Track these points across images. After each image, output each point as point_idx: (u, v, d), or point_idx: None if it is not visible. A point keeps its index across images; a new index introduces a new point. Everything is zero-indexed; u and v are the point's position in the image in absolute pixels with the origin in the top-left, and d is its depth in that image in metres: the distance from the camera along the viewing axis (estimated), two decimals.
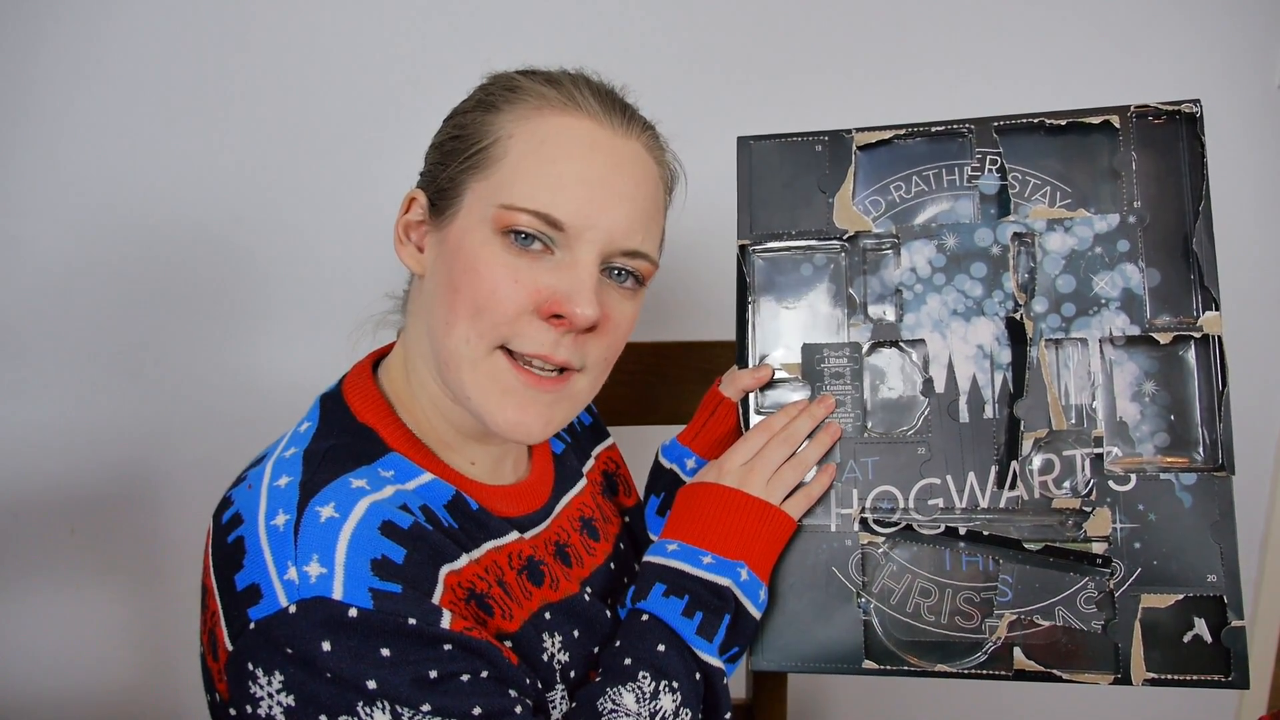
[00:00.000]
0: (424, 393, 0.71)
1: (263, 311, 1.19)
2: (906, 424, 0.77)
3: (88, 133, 1.11)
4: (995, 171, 0.78)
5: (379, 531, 0.60)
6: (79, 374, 1.17)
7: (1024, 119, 0.78)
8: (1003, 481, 0.75)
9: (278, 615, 0.58)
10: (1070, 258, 0.76)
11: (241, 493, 0.65)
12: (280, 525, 0.60)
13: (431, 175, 0.69)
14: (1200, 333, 0.73)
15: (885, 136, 0.79)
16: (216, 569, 0.63)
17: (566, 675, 0.70)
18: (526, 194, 0.64)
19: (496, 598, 0.66)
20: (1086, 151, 0.77)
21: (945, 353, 0.77)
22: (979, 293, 0.77)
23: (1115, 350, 0.75)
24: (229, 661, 0.60)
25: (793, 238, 0.80)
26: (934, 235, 0.78)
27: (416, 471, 0.68)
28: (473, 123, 0.68)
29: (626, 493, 0.89)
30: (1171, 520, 0.72)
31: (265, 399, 1.17)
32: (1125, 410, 0.75)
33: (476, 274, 0.64)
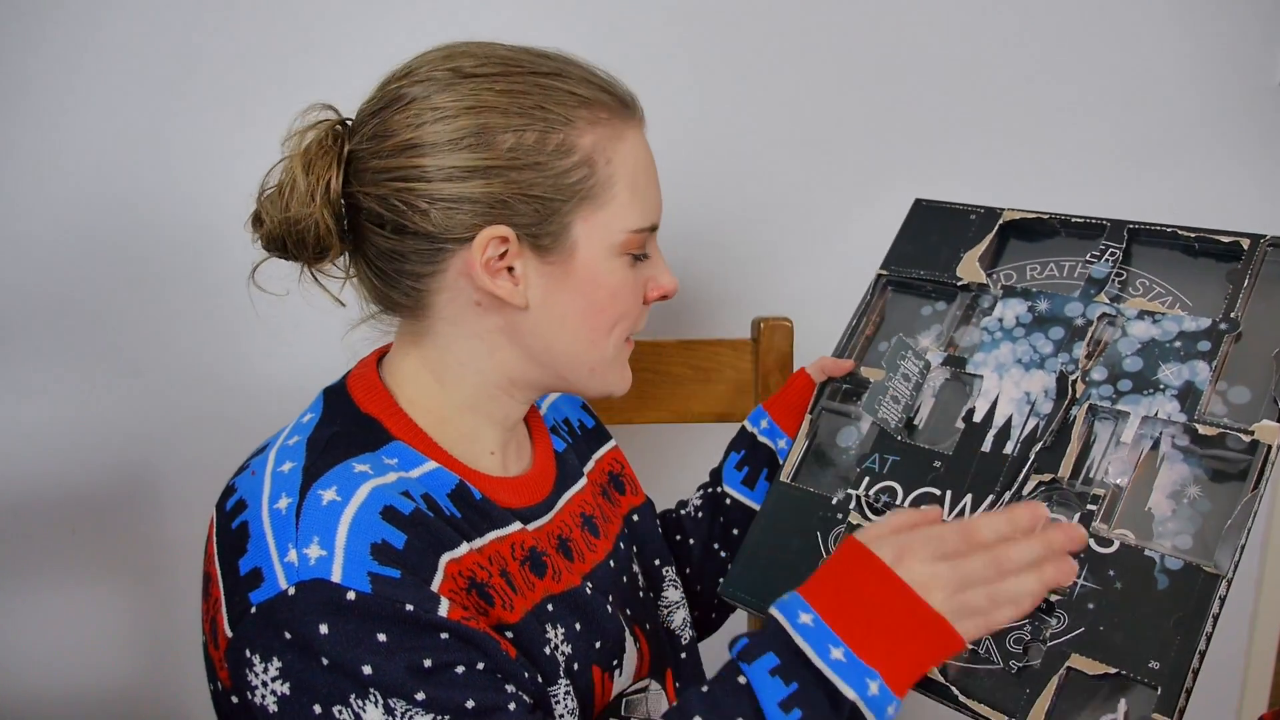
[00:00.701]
0: (469, 398, 0.73)
1: (264, 312, 1.15)
2: (938, 441, 0.83)
3: (86, 131, 1.11)
4: (1109, 261, 0.83)
5: (380, 516, 0.61)
6: (79, 374, 1.17)
7: (1158, 227, 0.83)
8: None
9: (278, 598, 0.59)
10: (1147, 345, 0.78)
11: (245, 479, 0.66)
12: (283, 508, 0.62)
13: (518, 208, 0.66)
14: (1250, 436, 0.70)
15: (1030, 217, 0.89)
16: (220, 555, 0.64)
17: (570, 668, 0.71)
18: (643, 216, 0.71)
19: (498, 588, 0.67)
20: (1207, 266, 0.79)
21: (995, 391, 0.82)
22: (1048, 351, 0.82)
23: (1171, 449, 0.74)
24: (229, 648, 0.62)
25: (919, 278, 0.93)
26: (1031, 298, 0.85)
27: (420, 460, 0.69)
28: (546, 144, 0.66)
29: (634, 491, 0.92)
30: (1138, 595, 0.68)
31: (266, 399, 1.18)
32: (1158, 504, 0.72)
33: (617, 294, 0.71)
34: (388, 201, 0.67)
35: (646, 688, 0.82)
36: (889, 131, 1.26)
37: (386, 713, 0.58)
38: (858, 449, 0.87)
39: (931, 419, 0.85)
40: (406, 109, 0.66)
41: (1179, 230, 0.81)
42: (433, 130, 0.65)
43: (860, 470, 0.85)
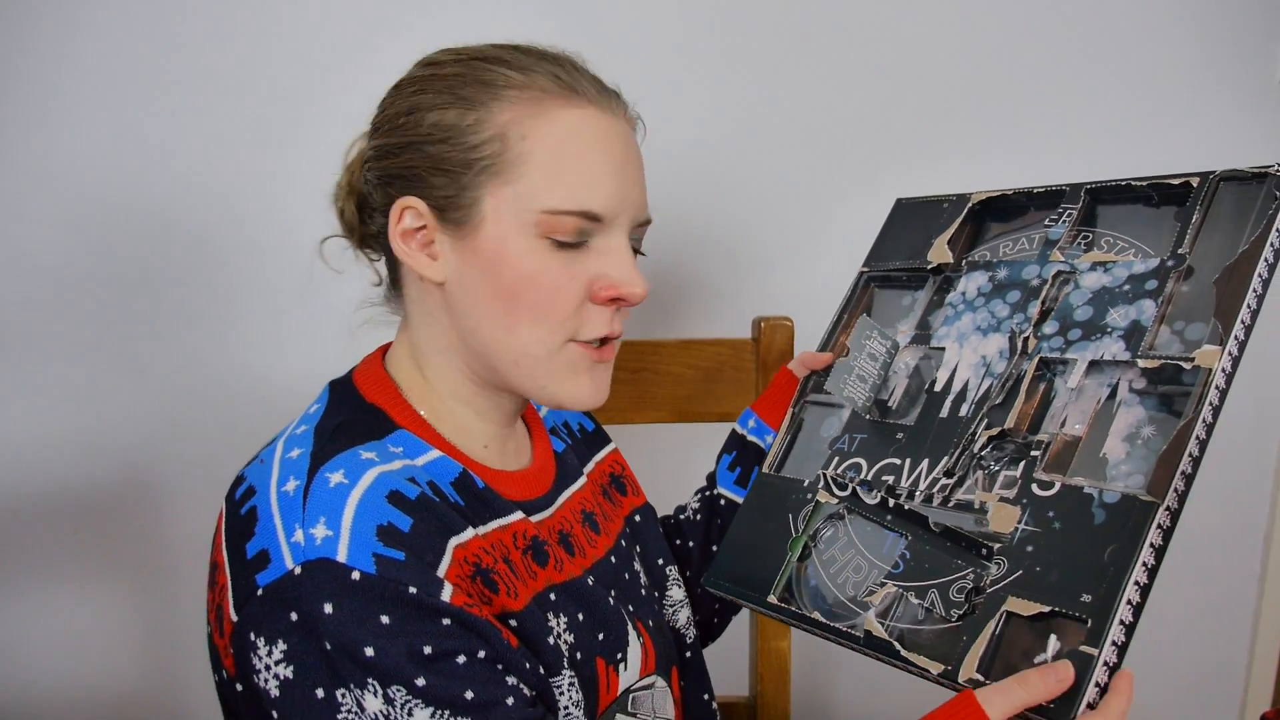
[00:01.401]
0: (444, 384, 0.73)
1: (264, 311, 1.18)
2: (903, 416, 0.83)
3: (86, 133, 1.12)
4: (1065, 221, 0.82)
5: (386, 500, 0.62)
6: (81, 375, 1.17)
7: (1114, 182, 0.81)
8: (949, 472, 0.75)
9: (284, 578, 0.59)
10: (1098, 293, 0.76)
11: (254, 468, 0.67)
12: (290, 491, 0.62)
13: (424, 182, 0.68)
14: (1191, 363, 0.66)
15: (995, 195, 0.90)
16: (228, 541, 0.64)
17: (573, 658, 0.71)
18: (566, 197, 0.66)
19: (502, 574, 0.67)
20: (1167, 213, 0.77)
21: (956, 360, 0.82)
22: (1004, 314, 0.81)
23: (1128, 393, 0.71)
24: (234, 633, 0.62)
25: (895, 269, 0.94)
26: (992, 268, 0.85)
27: (424, 448, 0.70)
28: (458, 123, 0.67)
29: (635, 493, 0.93)
30: (1074, 532, 0.65)
31: (268, 399, 1.18)
32: (1113, 448, 0.70)
33: (535, 280, 0.67)
34: (367, 183, 0.73)
35: (652, 685, 0.82)
36: (890, 131, 1.26)
37: (386, 702, 0.58)
38: (836, 434, 0.88)
39: (904, 398, 0.85)
40: (384, 100, 0.72)
41: (1133, 182, 0.79)
42: (386, 114, 0.71)
43: (831, 451, 0.85)
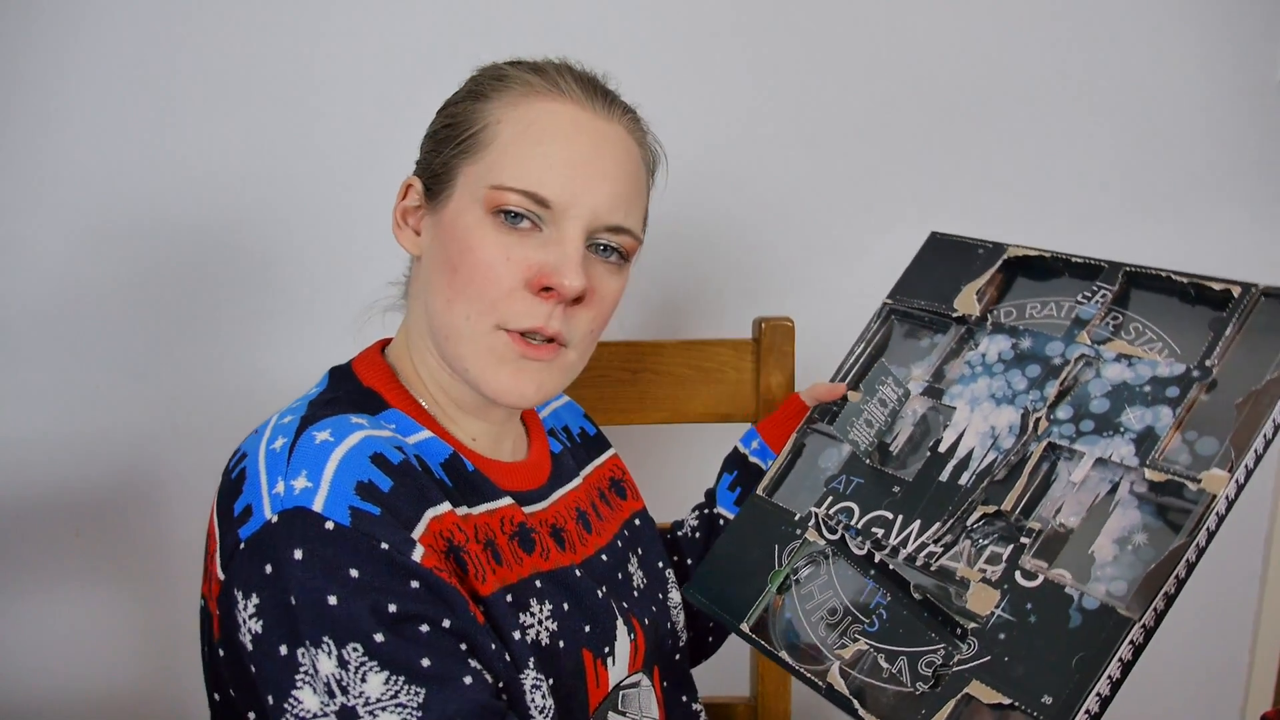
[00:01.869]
0: (425, 370, 0.75)
1: (266, 313, 1.19)
2: (905, 468, 0.84)
3: (86, 135, 1.13)
4: (1098, 302, 0.81)
5: (370, 459, 0.62)
6: (82, 377, 1.17)
7: (1154, 271, 0.80)
8: (938, 538, 0.76)
9: (263, 528, 0.60)
10: (1118, 387, 0.75)
11: (250, 438, 0.68)
12: (278, 448, 0.64)
13: (426, 162, 0.73)
14: (1198, 484, 0.67)
15: (1032, 254, 0.89)
16: (219, 504, 0.65)
17: (555, 646, 0.71)
18: (515, 174, 0.67)
19: (474, 555, 0.67)
20: (1202, 314, 0.76)
21: (965, 424, 0.82)
22: (1021, 387, 0.81)
23: (1128, 494, 0.72)
24: (220, 593, 0.63)
25: (919, 308, 0.93)
26: (1016, 335, 0.84)
27: (416, 428, 0.71)
28: (463, 111, 0.72)
29: (635, 497, 0.93)
30: (1048, 630, 0.66)
31: (269, 401, 1.17)
32: (1102, 547, 0.70)
33: (472, 252, 0.68)
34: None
35: (639, 683, 0.82)
36: (890, 132, 1.26)
37: (340, 665, 0.57)
38: (833, 470, 0.88)
39: (906, 446, 0.86)
40: None
41: (1173, 275, 0.78)
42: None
43: (826, 490, 0.86)
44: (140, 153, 1.15)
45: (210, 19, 1.13)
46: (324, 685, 0.58)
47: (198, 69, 1.14)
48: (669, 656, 0.89)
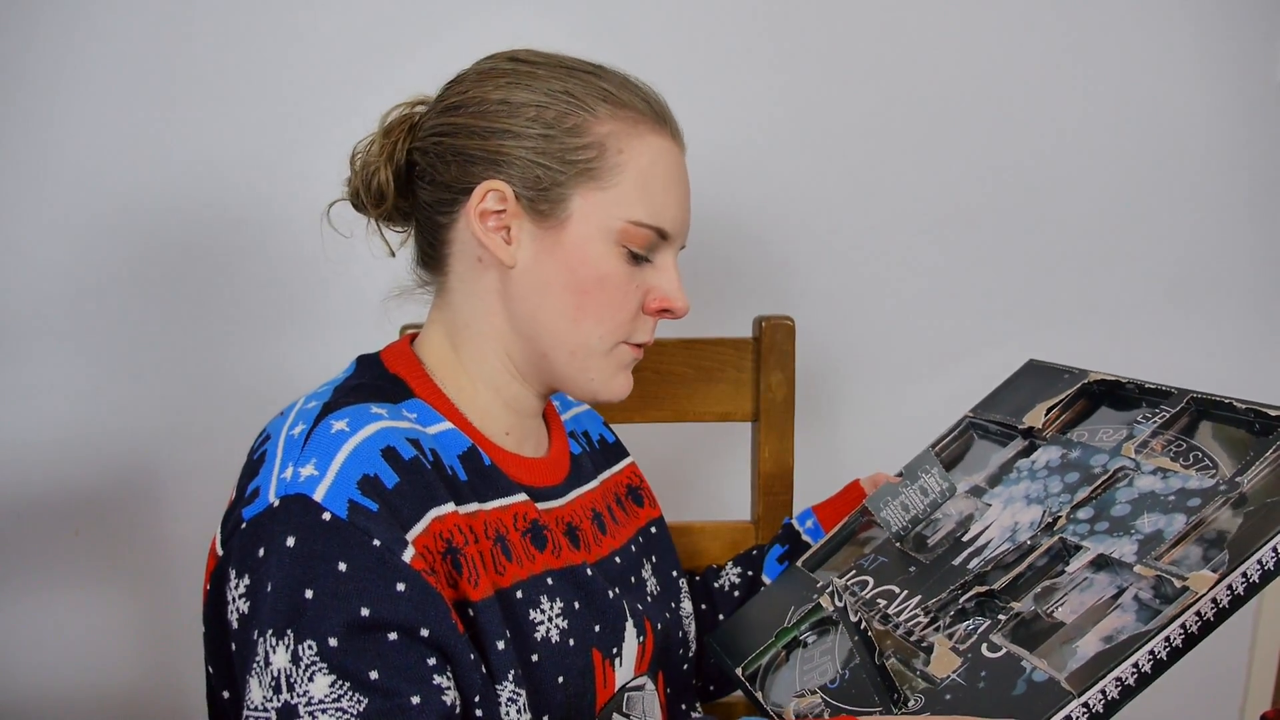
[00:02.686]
0: (480, 365, 0.76)
1: (265, 312, 1.19)
2: (928, 553, 0.84)
3: (88, 133, 1.12)
4: (1155, 421, 0.79)
5: (380, 453, 0.63)
6: (81, 376, 1.17)
7: (1216, 398, 0.78)
8: (927, 610, 0.76)
9: (264, 511, 0.61)
10: (1145, 496, 0.73)
11: (275, 420, 0.70)
12: (296, 434, 0.65)
13: (525, 172, 0.71)
14: (1183, 582, 0.63)
15: (1109, 379, 0.88)
16: (239, 481, 0.67)
17: (565, 644, 0.71)
18: (648, 212, 0.72)
19: (470, 558, 0.67)
20: (1261, 442, 0.73)
21: (993, 519, 0.81)
22: (1056, 490, 0.79)
23: (1131, 600, 0.69)
24: (215, 570, 0.64)
25: (994, 422, 0.94)
26: (1068, 446, 0.83)
27: (437, 419, 0.72)
28: (563, 121, 0.71)
29: (652, 505, 0.94)
30: (992, 696, 0.64)
31: (270, 400, 1.12)
32: (1087, 644, 0.68)
33: (608, 283, 0.72)
34: (426, 154, 0.75)
35: (643, 686, 0.82)
36: (890, 132, 1.25)
37: (292, 660, 0.58)
38: (869, 550, 0.90)
39: (945, 541, 0.86)
40: (462, 82, 0.76)
41: (1235, 402, 0.76)
42: (472, 95, 0.73)
43: (854, 565, 0.88)
44: (140, 154, 1.15)
45: (211, 16, 1.14)
46: (271, 679, 0.59)
47: (196, 66, 1.15)
48: (677, 665, 0.89)
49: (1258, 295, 1.38)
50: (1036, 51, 1.28)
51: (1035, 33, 1.27)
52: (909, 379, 1.34)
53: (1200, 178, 1.33)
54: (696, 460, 1.16)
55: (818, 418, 1.32)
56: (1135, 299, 1.39)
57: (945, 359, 1.37)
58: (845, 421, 1.35)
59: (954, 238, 1.35)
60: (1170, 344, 1.39)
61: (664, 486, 1.00)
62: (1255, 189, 1.33)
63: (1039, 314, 1.37)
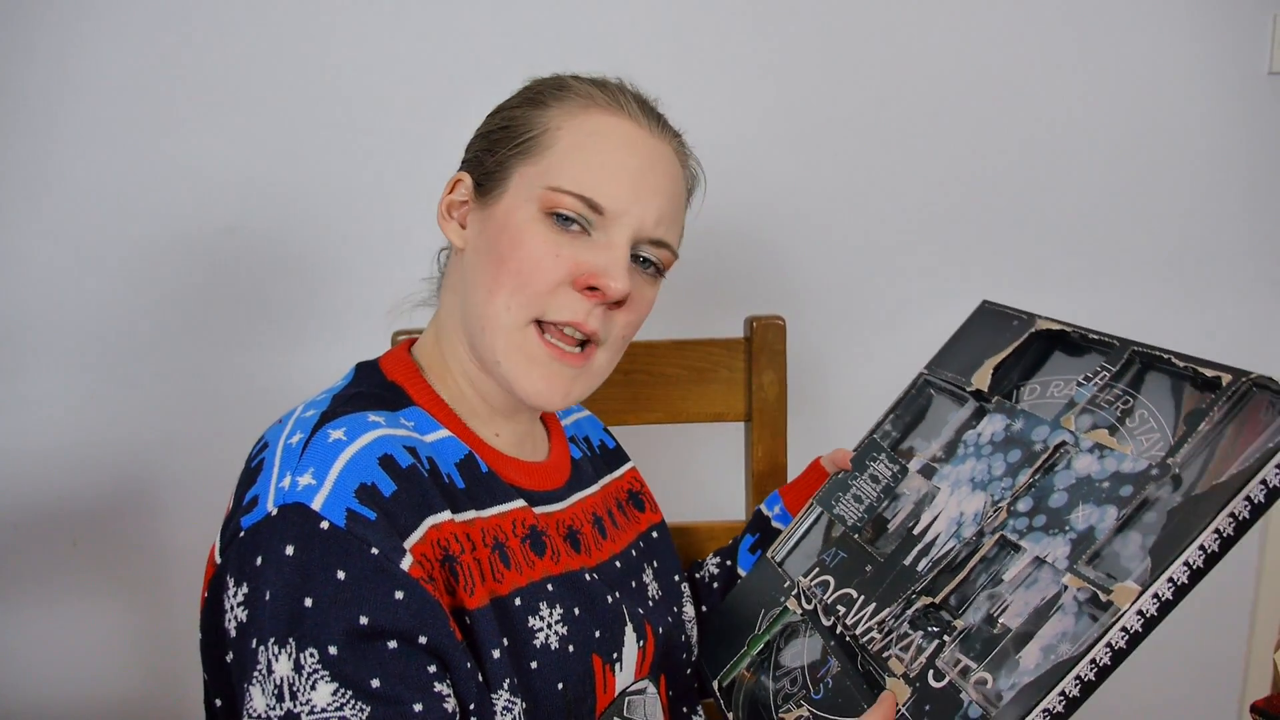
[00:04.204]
0: (456, 364, 0.76)
1: (263, 321, 1.19)
2: (884, 545, 0.82)
3: (85, 142, 1.12)
4: (1095, 384, 0.74)
5: (377, 462, 0.64)
6: (79, 386, 1.17)
7: (1157, 351, 0.72)
8: (881, 624, 0.75)
9: (263, 520, 0.61)
10: (1081, 481, 0.69)
11: (274, 428, 0.70)
12: (294, 444, 0.65)
13: (477, 160, 0.75)
14: (1106, 595, 0.60)
15: (1056, 329, 0.82)
16: (236, 490, 0.66)
17: (565, 651, 0.71)
18: (573, 179, 0.70)
19: (466, 567, 0.67)
20: (1186, 398, 0.68)
21: (941, 507, 0.79)
22: (999, 473, 0.76)
23: (1071, 600, 0.66)
24: (214, 578, 0.64)
25: (946, 381, 0.90)
26: (1012, 416, 0.79)
27: (435, 426, 0.72)
28: (521, 116, 0.74)
29: (653, 509, 0.94)
30: None
31: (267, 409, 1.15)
32: (1030, 654, 0.66)
33: (522, 245, 0.70)
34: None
35: (644, 690, 0.82)
36: (881, 131, 1.24)
37: (295, 669, 0.58)
38: (833, 542, 0.89)
39: (905, 522, 0.84)
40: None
41: (1174, 357, 0.70)
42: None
43: (816, 560, 0.87)
44: (138, 164, 1.16)
45: (215, 24, 1.14)
46: (274, 687, 0.59)
47: (197, 77, 1.15)
48: (679, 668, 0.89)
49: (1253, 283, 1.36)
50: (1028, 47, 1.27)
51: (1027, 28, 1.26)
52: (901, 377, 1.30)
53: (1194, 168, 1.31)
54: (690, 460, 1.15)
55: (810, 416, 1.31)
56: (1130, 297, 1.37)
57: None
58: (837, 420, 1.34)
59: (945, 236, 1.32)
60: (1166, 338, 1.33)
61: (658, 487, 1.00)
62: (1250, 178, 1.32)
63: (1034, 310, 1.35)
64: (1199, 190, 1.32)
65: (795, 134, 1.27)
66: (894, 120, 1.27)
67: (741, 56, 1.23)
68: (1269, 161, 1.31)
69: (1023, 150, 1.28)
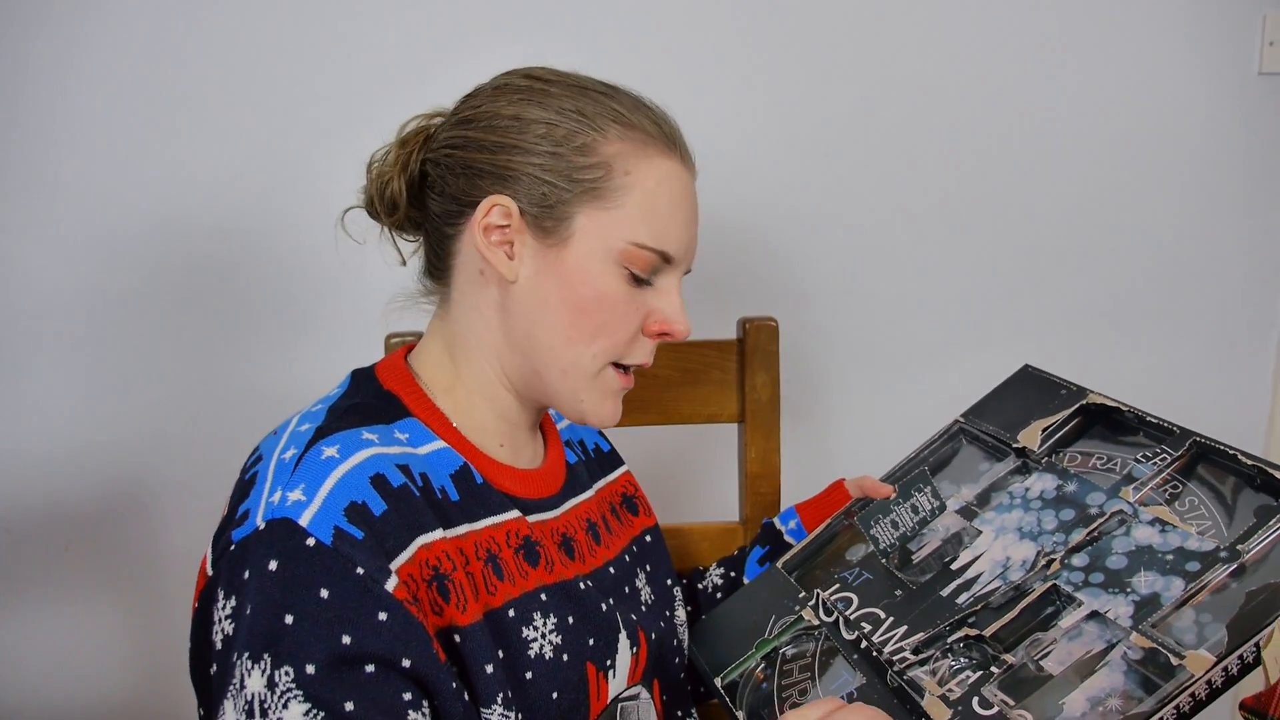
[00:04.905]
0: (475, 383, 0.76)
1: (255, 324, 1.17)
2: (914, 574, 0.83)
3: (79, 142, 1.11)
4: (1155, 464, 0.78)
5: (369, 480, 0.63)
6: (72, 390, 1.15)
7: (1221, 446, 0.77)
8: (916, 649, 0.76)
9: (252, 534, 0.61)
10: (1142, 549, 0.72)
11: (268, 439, 0.69)
12: (288, 459, 0.65)
13: (528, 187, 0.71)
14: (1179, 660, 0.63)
15: (1110, 405, 0.86)
16: (230, 502, 0.66)
17: (559, 660, 0.71)
18: (651, 235, 0.71)
19: (458, 583, 0.66)
20: (1258, 498, 0.72)
21: (984, 549, 0.81)
22: (1050, 528, 0.79)
23: (1119, 659, 0.69)
24: (204, 589, 0.64)
25: (986, 433, 0.93)
26: (1064, 478, 0.82)
27: (430, 438, 0.72)
28: (572, 140, 0.70)
29: (647, 513, 0.94)
30: None
31: (259, 412, 1.11)
32: (1074, 702, 0.68)
33: (607, 303, 0.71)
34: (438, 165, 0.74)
35: (637, 696, 0.81)
36: (878, 133, 1.25)
37: (268, 686, 0.57)
38: (854, 562, 0.89)
39: (929, 558, 0.85)
40: (477, 96, 0.75)
41: (1240, 454, 0.75)
42: (485, 110, 0.73)
43: (836, 578, 0.87)
44: (125, 162, 1.14)
45: (216, 25, 1.13)
46: (245, 703, 0.58)
47: (190, 78, 1.14)
48: (673, 673, 0.88)
49: (1246, 282, 1.38)
50: (1019, 49, 1.27)
51: (1018, 28, 1.27)
52: (893, 378, 1.34)
53: (1185, 168, 1.33)
54: (683, 462, 1.14)
55: (803, 418, 1.31)
56: (1120, 296, 1.39)
57: (929, 358, 1.35)
58: (830, 421, 1.34)
59: (938, 238, 1.33)
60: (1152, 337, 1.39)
61: (651, 489, 0.99)
62: (1242, 178, 1.33)
63: (1025, 314, 1.37)
64: (1189, 190, 1.32)
65: (789, 135, 1.27)
66: (887, 122, 1.27)
67: (735, 58, 1.23)
68: (1261, 162, 1.32)
69: (1014, 150, 1.29)
